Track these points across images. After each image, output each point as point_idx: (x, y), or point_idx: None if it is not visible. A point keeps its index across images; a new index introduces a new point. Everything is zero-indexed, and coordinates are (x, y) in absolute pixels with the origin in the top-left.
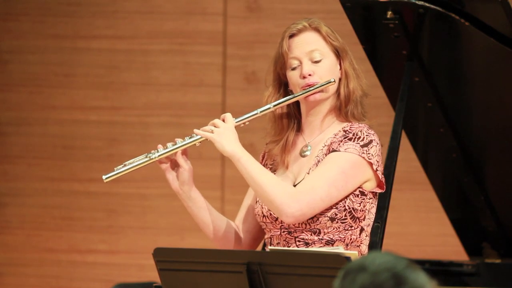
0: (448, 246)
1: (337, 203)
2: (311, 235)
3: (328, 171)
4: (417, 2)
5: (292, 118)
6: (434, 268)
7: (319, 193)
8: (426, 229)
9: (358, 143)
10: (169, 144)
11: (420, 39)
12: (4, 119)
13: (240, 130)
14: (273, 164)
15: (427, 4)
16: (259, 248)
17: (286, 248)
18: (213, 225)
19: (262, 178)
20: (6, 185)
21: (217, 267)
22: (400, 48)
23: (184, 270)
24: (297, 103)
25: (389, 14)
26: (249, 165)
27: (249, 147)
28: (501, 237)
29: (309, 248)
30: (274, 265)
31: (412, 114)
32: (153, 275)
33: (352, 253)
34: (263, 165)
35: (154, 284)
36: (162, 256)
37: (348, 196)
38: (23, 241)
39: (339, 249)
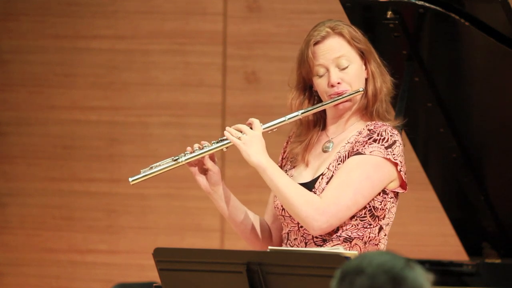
0: (448, 246)
1: None
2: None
3: (354, 178)
4: (417, 2)
5: (318, 120)
6: (434, 268)
7: (345, 203)
8: (426, 229)
9: (383, 145)
10: (196, 147)
11: (420, 39)
12: (4, 119)
13: None
14: (293, 160)
15: (427, 4)
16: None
17: (286, 248)
18: (244, 223)
19: (287, 190)
20: (6, 185)
21: (217, 267)
22: (400, 48)
23: (184, 270)
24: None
25: (389, 14)
26: (275, 176)
27: None
28: (501, 237)
29: (311, 248)
30: (274, 265)
31: (412, 114)
32: (153, 275)
33: (352, 253)
34: (284, 160)
35: (154, 284)
36: (162, 256)
37: None
38: (23, 241)
39: (339, 249)
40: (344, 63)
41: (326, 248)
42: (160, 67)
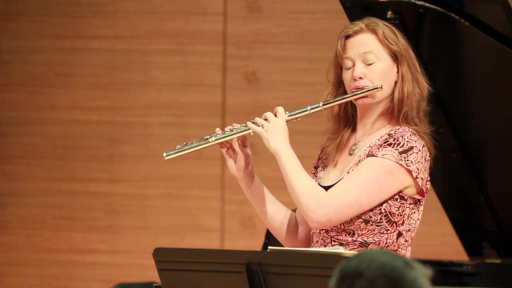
0: (448, 246)
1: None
2: (345, 235)
3: (361, 177)
4: (417, 2)
5: (349, 118)
6: (434, 268)
7: (347, 199)
8: (426, 229)
9: (397, 149)
10: (227, 130)
11: (420, 39)
12: (4, 119)
13: None
14: (326, 160)
15: (427, 4)
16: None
17: (286, 248)
18: (270, 214)
19: (296, 179)
20: (6, 185)
21: (217, 267)
22: None
23: (184, 270)
24: (354, 104)
25: (389, 14)
26: (287, 165)
27: (250, 147)
28: (501, 237)
29: (311, 248)
30: (274, 265)
31: None
32: (153, 275)
33: (352, 253)
34: (319, 161)
35: (154, 284)
36: (162, 256)
37: (386, 200)
38: (23, 241)
39: (339, 249)
40: (371, 59)
41: (326, 248)
42: (160, 67)
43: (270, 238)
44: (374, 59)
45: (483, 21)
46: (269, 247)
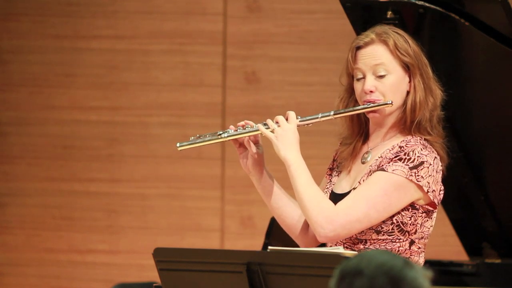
0: (448, 246)
1: None
2: (358, 244)
3: (370, 192)
4: (417, 2)
5: (363, 124)
6: (434, 268)
7: (355, 214)
8: None
9: (407, 165)
10: (240, 126)
11: (420, 39)
12: (4, 119)
13: None
14: (340, 165)
15: (427, 4)
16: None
17: (286, 248)
18: (281, 211)
19: (304, 191)
20: (6, 185)
21: (217, 267)
22: None
23: (184, 270)
24: None
25: (389, 14)
26: (297, 174)
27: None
28: (501, 237)
29: (311, 248)
30: (274, 265)
31: None
32: (153, 275)
33: (352, 253)
34: (335, 162)
35: (154, 284)
36: (162, 256)
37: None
38: (23, 241)
39: (339, 249)
40: (381, 72)
41: (326, 248)
42: (160, 67)
43: (270, 238)
44: (385, 72)
45: (483, 21)
46: (269, 247)
